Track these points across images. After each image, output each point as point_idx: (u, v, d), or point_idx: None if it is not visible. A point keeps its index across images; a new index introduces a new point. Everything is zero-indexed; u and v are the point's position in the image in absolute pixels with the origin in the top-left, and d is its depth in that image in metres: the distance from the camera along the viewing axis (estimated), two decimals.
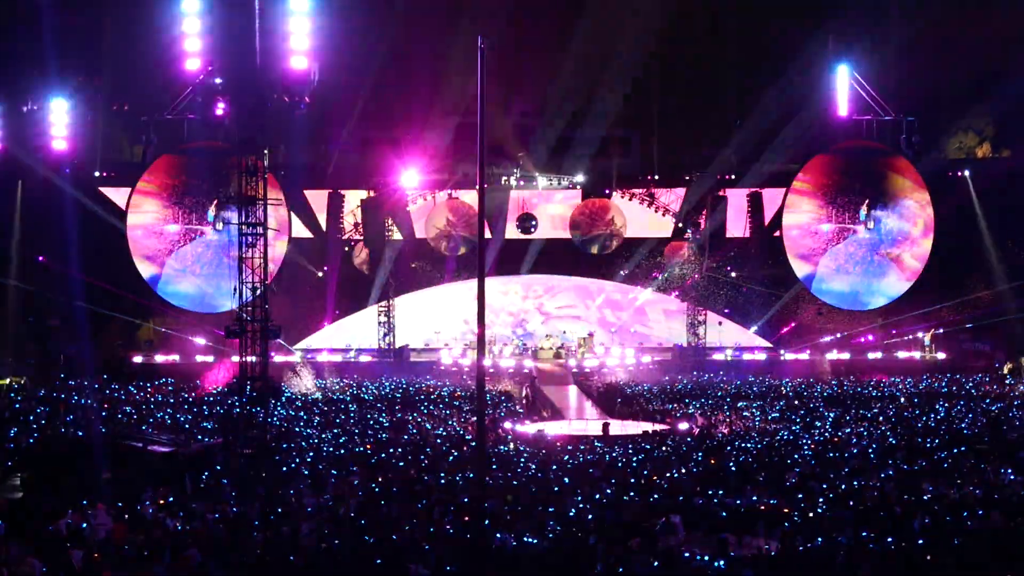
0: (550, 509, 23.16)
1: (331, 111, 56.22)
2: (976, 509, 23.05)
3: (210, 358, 54.93)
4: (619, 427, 38.09)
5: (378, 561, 19.40)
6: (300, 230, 60.17)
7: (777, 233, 59.52)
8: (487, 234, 39.77)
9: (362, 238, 60.75)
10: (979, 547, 19.95)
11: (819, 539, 20.64)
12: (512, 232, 61.87)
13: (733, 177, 59.49)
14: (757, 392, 46.82)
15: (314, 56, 46.51)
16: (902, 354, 57.81)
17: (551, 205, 62.55)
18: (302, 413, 40.58)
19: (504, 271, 61.83)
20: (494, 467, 28.12)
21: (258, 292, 38.29)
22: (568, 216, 61.73)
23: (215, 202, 56.18)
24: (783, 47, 57.03)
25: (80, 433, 34.41)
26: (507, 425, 37.94)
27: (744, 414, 40.61)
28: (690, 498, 24.68)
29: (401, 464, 29.23)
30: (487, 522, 21.14)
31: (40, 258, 53.78)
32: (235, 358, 40.83)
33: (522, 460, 30.01)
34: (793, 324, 59.65)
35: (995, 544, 20.15)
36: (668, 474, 27.55)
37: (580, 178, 60.17)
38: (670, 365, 57.13)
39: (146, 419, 38.24)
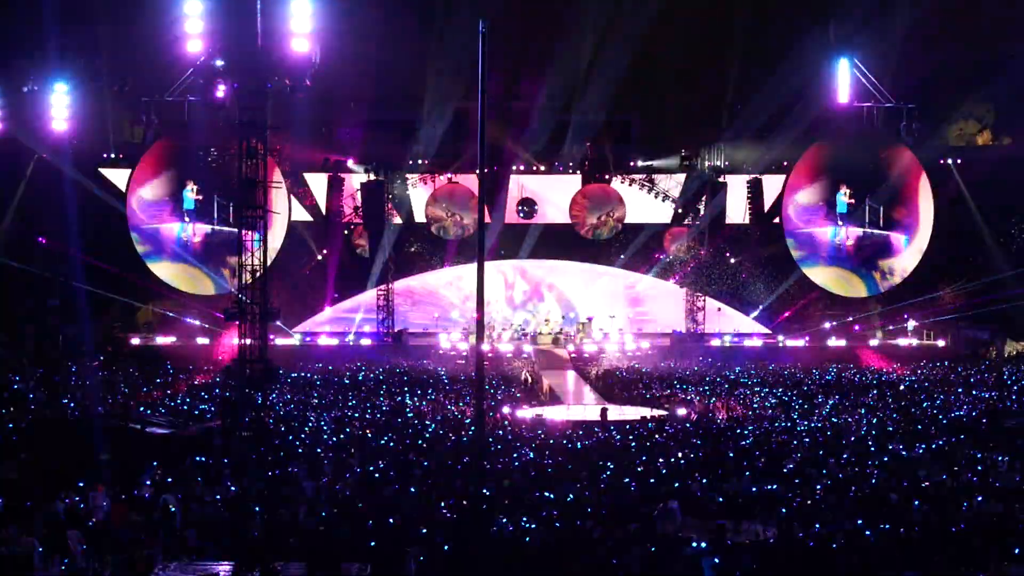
0: (548, 494, 23.19)
1: (332, 94, 56.06)
2: (973, 496, 23.12)
3: (206, 340, 54.98)
4: (617, 412, 38.09)
5: (374, 544, 19.45)
6: (300, 213, 60.16)
7: (776, 220, 59.58)
8: (487, 219, 39.79)
9: (362, 221, 60.71)
10: (976, 534, 20.00)
11: (816, 526, 20.69)
12: (512, 217, 61.86)
13: (733, 163, 59.51)
14: (755, 378, 46.83)
15: (315, 38, 46.43)
16: (900, 341, 57.91)
17: (551, 190, 62.43)
18: (300, 396, 40.63)
19: (504, 256, 61.81)
20: (492, 451, 28.14)
21: (257, 275, 38.31)
22: (568, 201, 61.64)
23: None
24: (784, 34, 56.96)
25: (78, 414, 34.47)
26: (505, 410, 37.94)
27: (742, 400, 40.65)
28: (688, 484, 24.73)
29: (399, 448, 29.26)
30: (485, 507, 21.18)
31: (40, 239, 53.73)
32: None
33: (520, 445, 30.03)
34: (792, 311, 59.65)
35: (992, 531, 20.20)
36: (666, 460, 27.58)
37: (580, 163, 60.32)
38: (668, 351, 57.12)
39: (145, 401, 38.29)
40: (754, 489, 24.33)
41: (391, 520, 20.84)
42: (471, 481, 22.83)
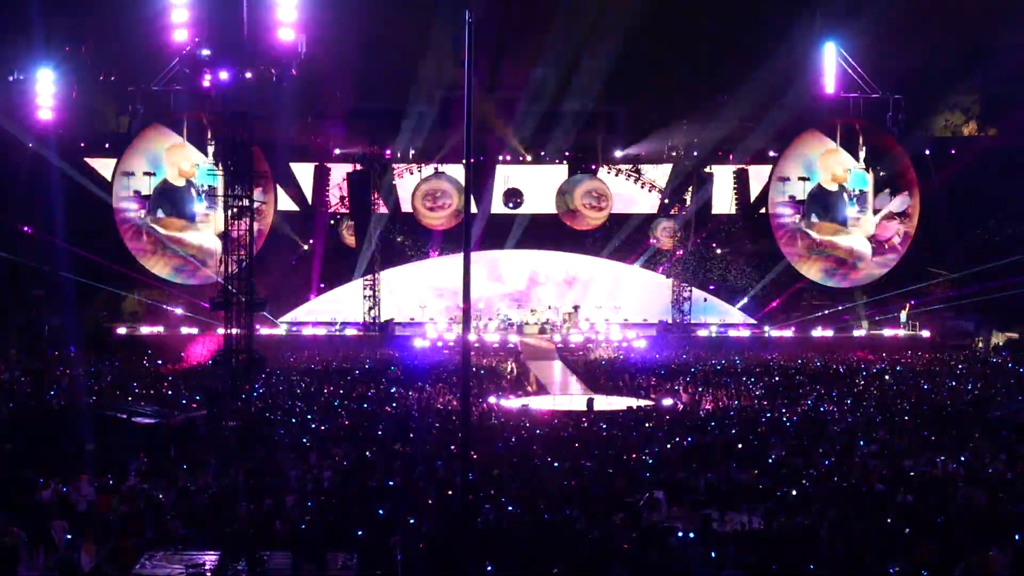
0: (534, 484, 23.21)
1: (318, 84, 55.96)
2: (959, 487, 23.18)
3: (195, 330, 54.88)
4: (603, 402, 38.13)
5: (360, 533, 19.45)
6: (286, 203, 60.09)
7: (763, 210, 59.62)
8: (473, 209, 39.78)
9: (348, 211, 60.70)
10: (961, 524, 20.05)
11: (801, 516, 20.74)
12: (498, 207, 61.81)
13: (719, 154, 59.51)
14: (741, 369, 46.89)
15: (301, 28, 46.44)
16: (886, 331, 58.05)
17: (537, 180, 62.34)
18: (286, 386, 40.60)
19: (489, 246, 61.74)
20: (478, 441, 28.13)
21: (243, 264, 38.24)
22: (554, 191, 61.62)
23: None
24: (770, 23, 57.01)
25: (63, 404, 34.40)
26: (492, 400, 37.96)
27: (728, 390, 40.70)
28: (673, 474, 24.77)
29: (385, 438, 29.24)
30: (471, 497, 21.18)
31: (25, 228, 53.55)
32: (220, 330, 40.90)
33: (506, 435, 30.04)
34: (778, 301, 59.71)
35: (977, 521, 20.26)
36: (652, 450, 27.61)
37: (566, 153, 60.29)
38: (655, 341, 57.16)
39: (130, 390, 38.22)
40: (740, 479, 24.38)
41: (377, 510, 20.86)
42: (457, 471, 22.83)
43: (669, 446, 28.19)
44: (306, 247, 61.59)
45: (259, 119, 45.52)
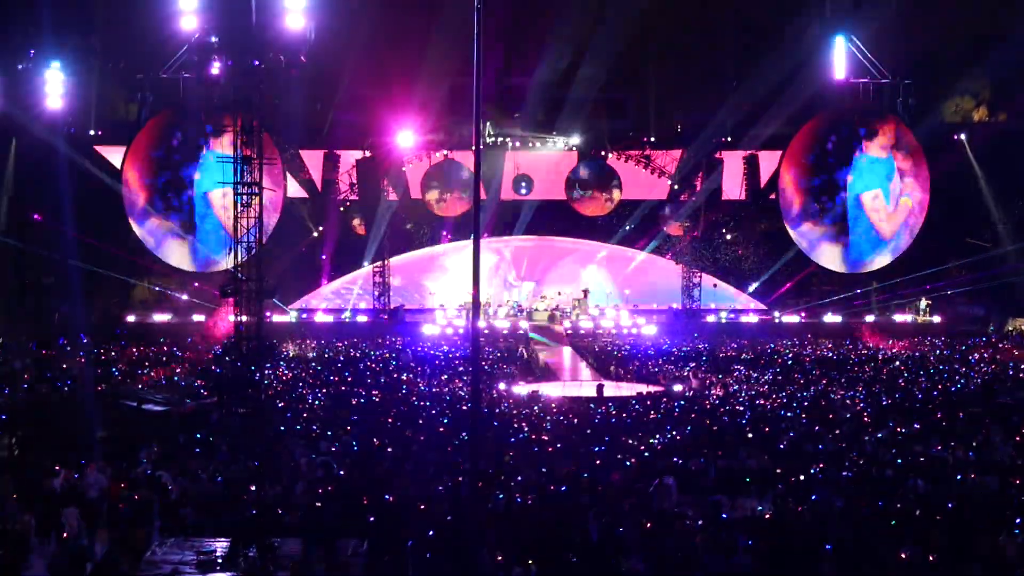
0: (544, 470, 23.20)
1: (327, 70, 55.90)
2: (969, 472, 23.15)
3: (202, 317, 54.95)
4: (613, 388, 38.14)
5: (371, 520, 19.48)
6: (295, 190, 60.03)
7: (773, 196, 59.47)
8: (482, 195, 39.59)
9: (357, 198, 60.61)
10: (972, 510, 20.03)
11: (813, 498, 20.72)
12: (507, 193, 61.70)
13: (729, 140, 59.28)
14: (751, 354, 46.85)
15: (310, 14, 46.34)
16: (897, 317, 57.97)
17: (547, 166, 62.20)
18: (296, 372, 40.64)
19: (499, 232, 61.72)
20: (489, 428, 28.11)
21: (252, 251, 38.18)
22: (564, 178, 61.48)
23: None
24: (780, 9, 56.86)
25: (74, 391, 34.44)
26: (501, 386, 37.96)
27: (738, 376, 40.67)
28: (683, 460, 24.74)
29: (396, 424, 29.24)
30: (481, 483, 21.18)
31: (35, 216, 53.65)
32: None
33: (516, 421, 30.03)
34: (788, 286, 59.66)
35: (987, 507, 20.24)
36: (662, 436, 27.58)
37: (576, 139, 59.98)
38: (665, 327, 57.12)
39: (140, 378, 38.27)
40: (749, 465, 24.35)
41: (388, 496, 20.87)
42: (467, 457, 22.83)
43: (678, 432, 28.16)
44: (316, 234, 61.54)
45: (268, 106, 45.49)
